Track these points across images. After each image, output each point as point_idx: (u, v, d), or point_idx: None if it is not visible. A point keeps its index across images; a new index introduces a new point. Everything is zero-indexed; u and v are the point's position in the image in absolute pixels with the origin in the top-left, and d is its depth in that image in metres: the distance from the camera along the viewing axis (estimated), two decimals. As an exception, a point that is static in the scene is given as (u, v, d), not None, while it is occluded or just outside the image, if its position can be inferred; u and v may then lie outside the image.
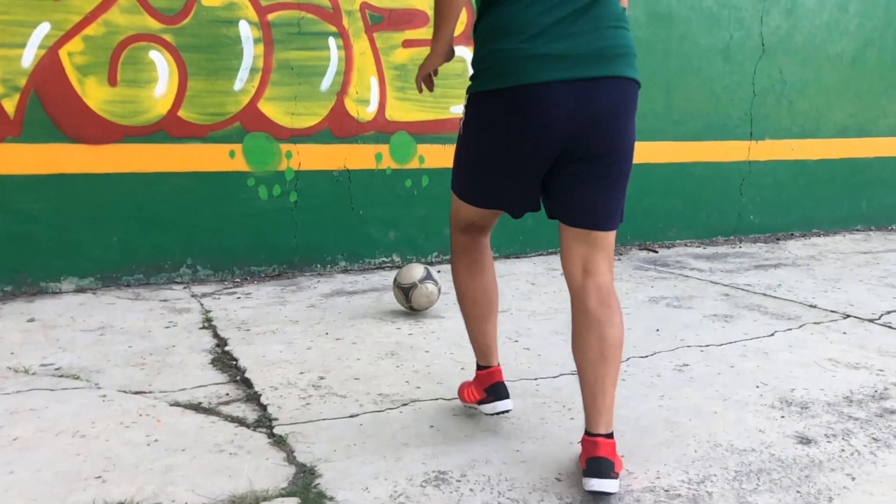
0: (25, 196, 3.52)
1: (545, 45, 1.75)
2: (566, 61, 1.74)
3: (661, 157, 5.02)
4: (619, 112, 1.78)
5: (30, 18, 3.40)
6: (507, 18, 1.79)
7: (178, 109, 3.72)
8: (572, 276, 1.90)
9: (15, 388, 2.42)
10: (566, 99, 1.74)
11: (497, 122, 1.82)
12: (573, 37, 1.74)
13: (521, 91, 1.76)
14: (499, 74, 1.80)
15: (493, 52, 1.81)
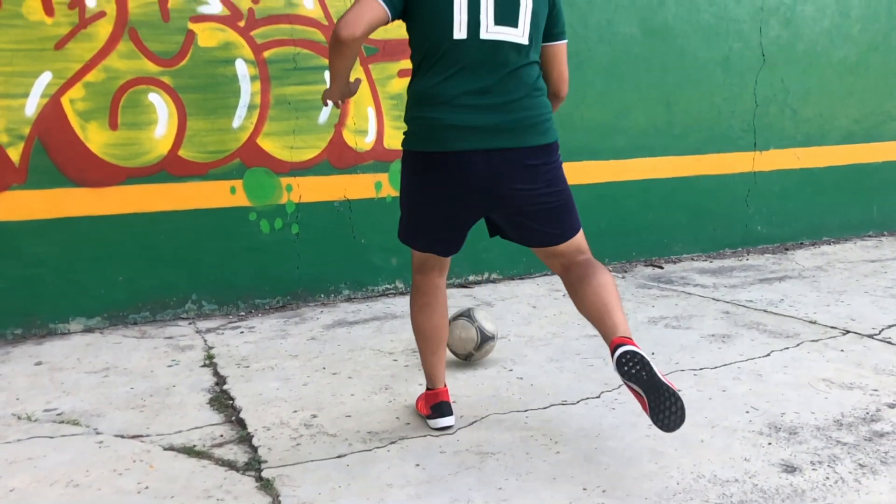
0: (33, 240, 3.62)
1: (464, 117, 2.04)
2: (482, 133, 2.03)
3: (664, 172, 5.01)
4: (533, 174, 2.09)
5: (32, 68, 3.51)
6: (432, 89, 2.07)
7: (179, 149, 3.80)
8: (555, 270, 2.32)
9: (16, 437, 2.49)
10: (481, 166, 2.04)
11: (423, 180, 2.14)
12: (489, 110, 2.04)
13: (442, 156, 2.07)
14: (424, 139, 2.10)
15: (419, 118, 2.11)
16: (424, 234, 2.24)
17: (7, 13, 3.43)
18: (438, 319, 2.37)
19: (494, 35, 2.04)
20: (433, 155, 2.09)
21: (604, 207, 4.88)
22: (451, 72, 2.05)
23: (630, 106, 4.82)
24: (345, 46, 2.01)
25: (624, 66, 4.76)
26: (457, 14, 2.02)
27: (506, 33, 2.05)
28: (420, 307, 2.36)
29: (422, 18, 2.06)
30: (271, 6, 3.87)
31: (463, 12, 2.02)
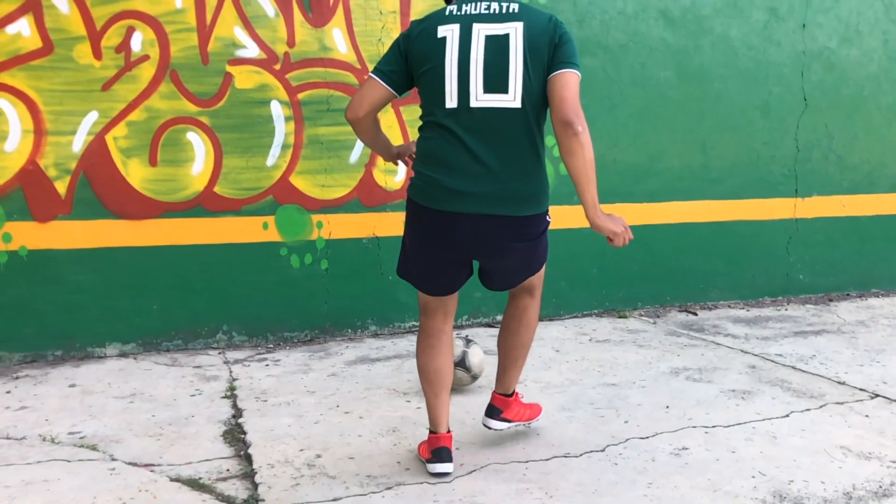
0: (74, 268, 3.79)
1: (459, 182, 2.17)
2: (474, 198, 2.17)
3: (699, 216, 4.95)
4: (520, 237, 2.25)
5: (80, 108, 3.71)
6: (432, 150, 2.23)
7: (214, 185, 3.95)
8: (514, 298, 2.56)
9: (37, 458, 2.60)
10: (470, 227, 2.20)
11: (418, 228, 2.31)
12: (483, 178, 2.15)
13: (435, 213, 2.22)
14: (425, 195, 2.24)
15: (421, 174, 2.27)
16: (417, 273, 2.39)
17: (59, 57, 3.65)
18: (442, 363, 2.42)
19: (484, 103, 2.12)
20: (429, 211, 2.24)
21: (636, 251, 4.80)
22: (448, 138, 2.18)
23: (664, 149, 4.80)
24: (354, 126, 2.34)
25: (658, 109, 4.74)
26: (448, 85, 2.14)
27: (496, 100, 2.12)
28: (423, 349, 2.43)
29: (421, 88, 2.26)
30: (306, 50, 4.00)
31: (454, 83, 2.14)
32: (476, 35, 2.14)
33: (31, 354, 3.76)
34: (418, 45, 2.20)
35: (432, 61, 2.16)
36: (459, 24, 2.15)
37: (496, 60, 2.12)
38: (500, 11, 2.15)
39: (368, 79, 2.30)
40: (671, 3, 4.68)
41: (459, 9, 2.19)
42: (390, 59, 2.28)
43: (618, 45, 4.60)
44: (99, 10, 3.68)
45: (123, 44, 3.73)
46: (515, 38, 2.11)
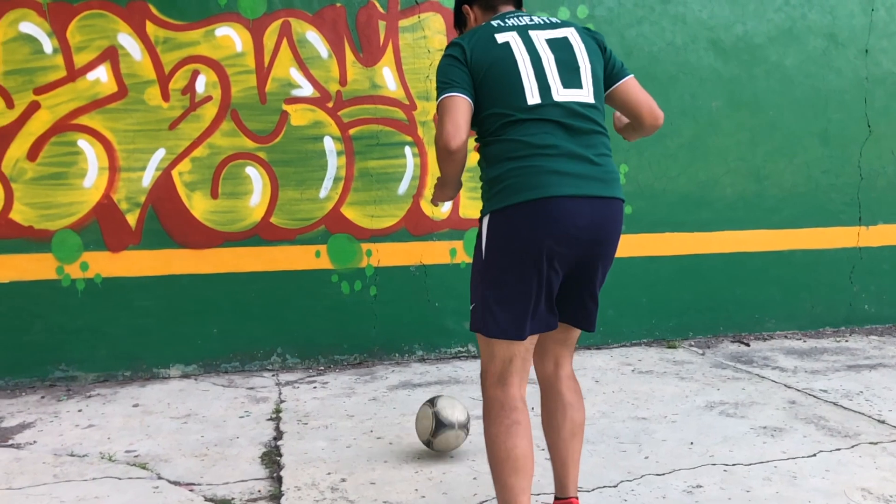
0: (143, 294, 4.11)
1: (560, 164, 1.99)
2: (579, 179, 1.99)
3: (753, 245, 4.87)
4: (618, 226, 2.09)
5: (149, 146, 4.04)
6: (520, 142, 2.02)
7: (271, 216, 4.20)
8: (544, 368, 2.23)
9: (93, 475, 2.87)
10: (583, 210, 1.99)
11: (521, 233, 1.97)
12: (580, 160, 2.00)
13: (544, 202, 1.96)
14: (520, 189, 1.98)
15: (512, 170, 2.00)
16: (513, 307, 2.01)
17: (132, 100, 3.99)
18: (530, 444, 2.02)
19: (566, 97, 2.05)
20: (533, 204, 1.96)
21: (688, 280, 4.82)
22: (539, 126, 2.02)
23: (716, 179, 4.76)
24: (457, 154, 2.02)
25: (709, 139, 4.72)
26: (525, 82, 2.04)
27: (575, 95, 2.06)
28: (508, 427, 2.00)
29: (492, 91, 2.05)
30: (357, 88, 4.22)
31: (532, 80, 2.04)
32: (537, 39, 2.10)
33: (103, 374, 4.10)
34: (479, 52, 2.07)
35: (502, 63, 2.05)
36: (517, 32, 2.10)
37: (566, 58, 2.09)
38: (547, 21, 2.17)
39: (453, 98, 2.02)
40: (722, 34, 4.66)
41: (504, 21, 2.14)
42: (456, 74, 2.05)
43: (667, 76, 4.61)
44: (168, 56, 4.01)
45: (189, 86, 4.04)
46: (575, 40, 2.13)
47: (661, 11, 4.56)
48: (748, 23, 4.68)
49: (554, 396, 2.19)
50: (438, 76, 2.10)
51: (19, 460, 3.03)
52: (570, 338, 2.22)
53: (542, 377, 2.24)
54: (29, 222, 3.94)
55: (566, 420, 2.16)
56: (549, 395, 2.20)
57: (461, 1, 2.30)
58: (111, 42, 3.92)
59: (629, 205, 4.64)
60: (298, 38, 4.12)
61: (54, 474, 2.87)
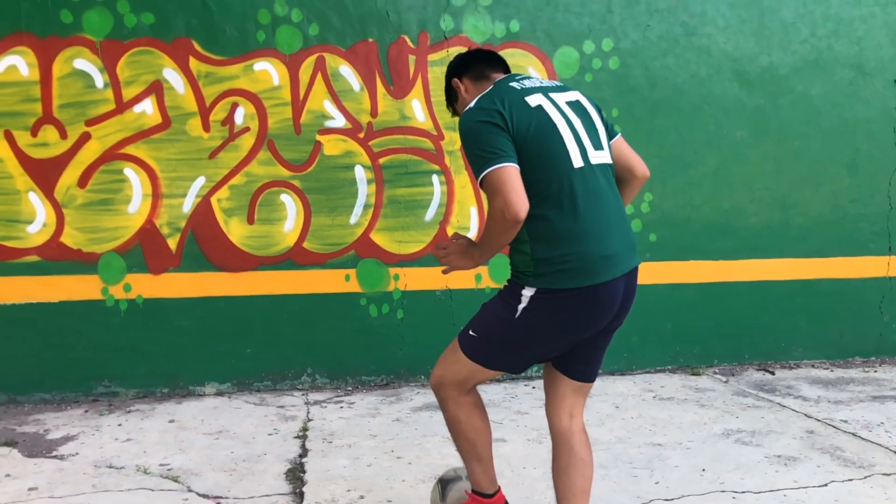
0: (181, 314, 4.32)
1: (606, 247, 2.07)
2: (619, 259, 2.09)
3: (779, 274, 4.89)
4: (635, 289, 2.19)
5: (190, 174, 4.26)
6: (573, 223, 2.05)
7: (304, 241, 4.38)
8: (559, 420, 2.26)
9: (128, 486, 3.04)
10: (620, 288, 2.10)
11: (566, 313, 2.08)
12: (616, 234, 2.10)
13: (596, 288, 2.05)
14: (580, 275, 2.04)
15: (571, 255, 2.04)
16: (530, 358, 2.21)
17: (175, 130, 4.22)
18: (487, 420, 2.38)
19: (598, 159, 2.12)
20: (586, 290, 2.04)
21: (712, 308, 4.85)
22: (582, 202, 2.04)
23: (741, 207, 4.80)
24: (520, 224, 1.98)
25: (734, 168, 4.77)
26: (569, 146, 2.07)
27: (602, 157, 2.14)
28: (480, 413, 2.33)
29: (536, 156, 2.04)
30: (387, 119, 4.39)
31: (572, 143, 2.07)
32: (560, 102, 2.14)
33: (142, 391, 4.31)
34: (518, 116, 2.05)
35: (543, 128, 2.06)
36: (541, 94, 2.13)
37: (587, 121, 2.15)
38: (555, 84, 2.22)
39: (506, 168, 1.97)
40: (747, 65, 4.73)
41: (521, 84, 2.17)
42: (502, 143, 2.01)
43: (691, 107, 4.69)
44: (209, 89, 4.24)
45: (228, 118, 4.27)
46: (586, 103, 2.20)
47: (686, 44, 4.65)
48: (773, 54, 4.74)
49: (567, 452, 2.23)
50: (478, 143, 2.03)
51: (62, 470, 3.23)
52: (586, 387, 2.29)
53: (556, 430, 2.26)
54: (77, 245, 4.18)
55: (579, 476, 2.21)
56: (563, 451, 2.24)
57: (449, 76, 2.37)
58: (157, 76, 4.17)
59: (653, 232, 4.71)
60: (332, 72, 4.32)
61: (93, 484, 3.06)
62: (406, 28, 4.34)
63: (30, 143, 4.10)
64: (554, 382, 2.26)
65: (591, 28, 4.53)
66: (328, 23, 4.28)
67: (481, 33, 4.42)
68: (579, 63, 4.53)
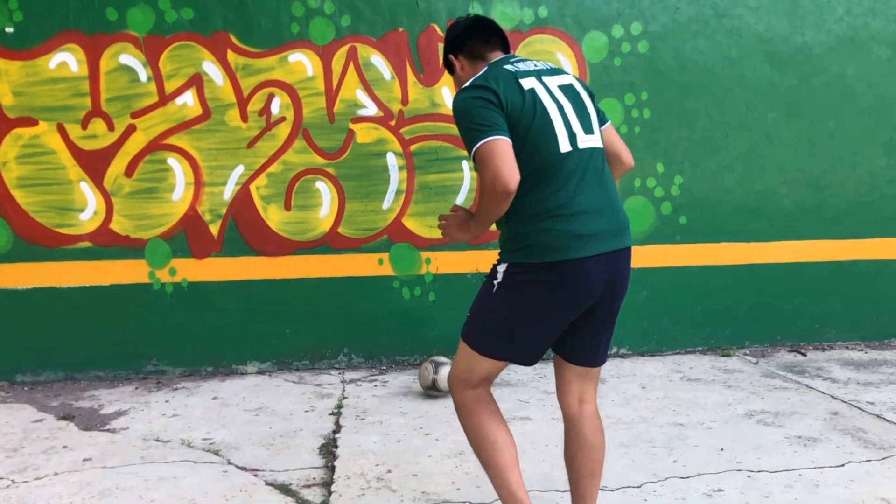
0: (223, 297, 4.53)
1: (583, 225, 2.08)
2: (597, 238, 2.09)
3: (813, 256, 4.87)
4: (629, 273, 2.22)
5: (230, 163, 4.44)
6: (548, 201, 2.08)
7: (338, 227, 4.54)
8: (569, 406, 2.31)
9: (174, 458, 3.26)
10: (600, 268, 2.09)
11: (541, 289, 2.08)
12: (599, 215, 2.10)
13: (571, 264, 2.06)
14: (546, 250, 2.06)
15: (539, 231, 2.07)
16: (520, 345, 2.17)
17: (215, 121, 4.40)
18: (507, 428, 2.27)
19: (587, 143, 2.14)
20: (556, 265, 2.05)
21: (744, 290, 4.87)
22: (561, 183, 2.08)
23: (773, 189, 4.79)
24: (512, 196, 2.02)
25: (765, 150, 4.75)
26: (558, 130, 2.10)
27: (592, 141, 2.16)
28: (489, 415, 2.22)
29: (526, 139, 2.08)
30: (418, 107, 4.50)
31: (561, 128, 2.10)
32: (552, 86, 2.17)
33: (188, 369, 4.54)
34: (512, 96, 2.09)
35: (534, 110, 2.09)
36: (534, 77, 2.16)
37: (578, 106, 2.18)
38: (549, 67, 2.24)
39: (498, 141, 2.00)
40: (780, 46, 4.69)
41: (515, 66, 2.19)
42: (494, 118, 2.05)
43: (722, 90, 4.68)
44: (246, 81, 4.40)
45: (265, 108, 4.43)
46: (578, 87, 2.23)
47: (717, 26, 4.63)
48: (807, 34, 4.69)
49: (577, 436, 2.27)
50: (471, 118, 2.07)
51: (114, 443, 3.46)
52: (592, 372, 2.29)
53: (566, 414, 2.31)
54: (126, 232, 4.41)
55: (587, 460, 2.27)
56: (572, 435, 2.29)
57: (448, 49, 2.36)
58: (197, 69, 4.35)
59: (683, 215, 4.74)
60: (364, 62, 4.44)
61: (141, 456, 3.28)
62: (435, 16, 4.43)
63: (80, 135, 4.33)
64: (559, 368, 2.32)
65: (620, 12, 4.55)
66: (359, 13, 4.40)
67: (510, 20, 4.48)
68: (608, 47, 4.56)
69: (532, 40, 4.52)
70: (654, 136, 4.66)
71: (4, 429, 3.70)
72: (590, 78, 4.56)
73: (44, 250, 4.37)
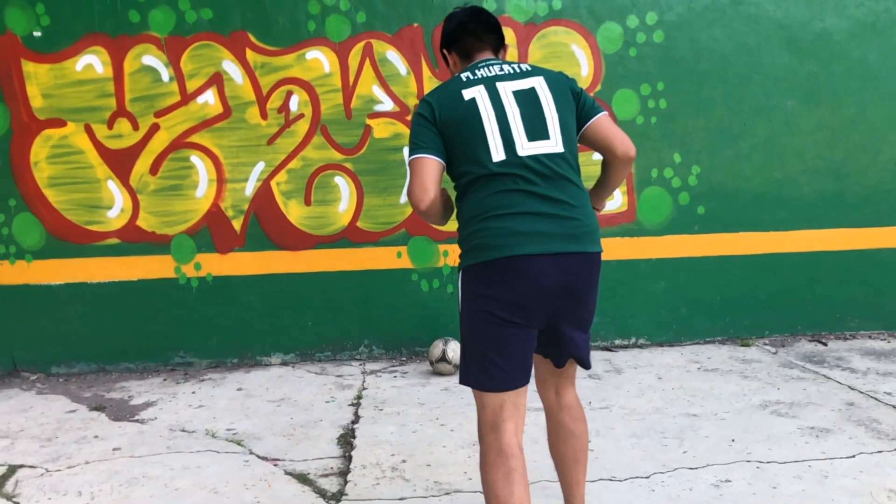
0: (247, 291, 4.64)
1: (526, 224, 2.06)
2: (546, 238, 2.06)
3: (834, 244, 4.83)
4: (589, 279, 2.15)
5: (251, 160, 4.54)
6: (487, 201, 2.09)
7: (357, 221, 4.62)
8: (547, 397, 2.35)
9: (198, 448, 3.38)
10: (547, 268, 2.05)
11: (493, 289, 2.07)
12: (547, 218, 2.08)
13: (510, 262, 2.05)
14: (488, 249, 2.07)
15: (480, 230, 2.09)
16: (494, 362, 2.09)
17: (235, 119, 4.50)
18: (526, 490, 2.05)
19: (531, 150, 2.11)
20: (500, 262, 2.05)
21: (763, 279, 4.85)
22: (496, 188, 2.09)
23: (792, 178, 4.76)
24: (427, 213, 2.14)
25: (784, 138, 4.72)
26: (491, 139, 2.11)
27: (541, 147, 2.12)
28: (505, 474, 2.04)
29: (460, 149, 2.14)
30: (434, 102, 4.54)
31: (496, 137, 2.11)
32: (503, 92, 2.16)
33: (214, 361, 4.67)
34: (447, 111, 2.15)
35: (468, 121, 2.12)
36: (483, 85, 2.17)
37: (531, 111, 2.15)
38: (516, 70, 2.21)
39: (420, 160, 2.13)
40: (798, 32, 4.64)
41: (474, 73, 2.21)
42: (425, 135, 2.15)
43: (739, 77, 4.65)
44: (265, 79, 4.49)
45: (284, 105, 4.51)
46: (542, 90, 2.18)
47: (733, 14, 4.60)
48: (826, 19, 4.64)
49: (556, 426, 2.31)
50: (411, 133, 2.20)
51: (142, 433, 3.60)
52: (563, 371, 2.28)
53: (545, 405, 2.35)
54: (152, 228, 4.55)
55: (568, 448, 2.30)
56: (552, 425, 2.33)
57: (441, 44, 2.38)
58: (217, 69, 4.45)
59: (701, 205, 4.73)
60: (380, 58, 4.50)
61: (168, 446, 3.41)
62: (450, 11, 4.43)
63: (106, 135, 4.46)
64: (535, 363, 2.30)
65: (635, 2, 4.54)
66: (375, 10, 4.45)
67: (524, 12, 4.50)
68: (623, 38, 4.56)
69: (546, 32, 4.54)
70: (671, 126, 4.65)
71: (40, 419, 3.86)
72: (605, 69, 4.57)
73: (74, 247, 4.53)
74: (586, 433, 2.33)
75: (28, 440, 3.55)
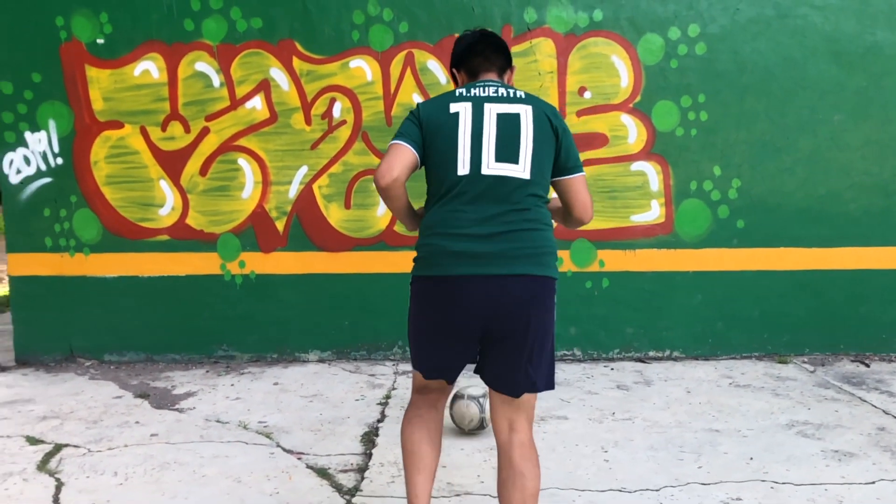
0: (287, 289, 4.81)
1: (465, 245, 2.15)
2: (479, 259, 2.13)
3: (881, 263, 4.71)
4: (526, 303, 2.15)
5: (295, 163, 4.71)
6: (438, 218, 2.21)
7: (394, 225, 4.74)
8: (500, 432, 2.26)
9: (229, 438, 3.54)
10: (478, 289, 2.13)
11: (429, 302, 2.24)
12: (489, 239, 2.14)
13: (443, 280, 2.18)
14: (428, 265, 2.24)
15: (425, 245, 2.26)
16: (426, 360, 2.30)
17: (281, 124, 4.68)
18: (427, 435, 2.33)
19: (495, 171, 2.17)
20: (435, 279, 2.20)
21: (804, 296, 4.77)
22: (456, 204, 2.17)
23: (838, 193, 4.66)
24: (389, 191, 2.22)
25: (830, 153, 4.63)
26: (461, 153, 2.18)
27: (507, 169, 2.17)
28: (410, 418, 2.37)
29: (432, 157, 2.23)
30: (472, 110, 4.62)
31: (466, 151, 2.18)
32: (488, 112, 2.22)
33: (255, 356, 4.86)
34: (432, 117, 2.23)
35: (445, 132, 2.20)
36: (471, 103, 2.23)
37: (507, 133, 2.20)
38: (509, 95, 2.26)
39: (397, 145, 2.22)
40: (847, 45, 4.55)
41: (468, 91, 2.27)
42: (409, 129, 2.25)
43: (783, 91, 4.59)
44: (310, 87, 4.65)
45: (327, 112, 4.67)
46: (526, 118, 2.22)
47: (779, 26, 4.53)
48: (878, 33, 4.53)
49: (506, 465, 2.21)
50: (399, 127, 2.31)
51: (179, 421, 3.79)
52: (517, 401, 2.23)
53: (498, 441, 2.27)
54: (200, 227, 4.76)
55: (516, 490, 2.18)
56: (503, 463, 2.23)
57: (451, 64, 2.44)
58: (265, 76, 4.63)
59: (741, 219, 4.68)
60: (420, 67, 4.60)
61: (201, 435, 3.58)
62: (490, 22, 4.54)
63: (160, 137, 4.69)
64: (490, 393, 2.29)
65: (677, 14, 4.53)
66: (417, 20, 4.56)
67: (564, 23, 4.54)
68: (664, 49, 4.55)
69: (586, 43, 4.56)
70: (711, 139, 4.62)
71: (89, 402, 4.10)
72: (645, 80, 4.57)
73: (128, 242, 4.78)
74: (537, 478, 2.20)
75: (76, 421, 3.78)
